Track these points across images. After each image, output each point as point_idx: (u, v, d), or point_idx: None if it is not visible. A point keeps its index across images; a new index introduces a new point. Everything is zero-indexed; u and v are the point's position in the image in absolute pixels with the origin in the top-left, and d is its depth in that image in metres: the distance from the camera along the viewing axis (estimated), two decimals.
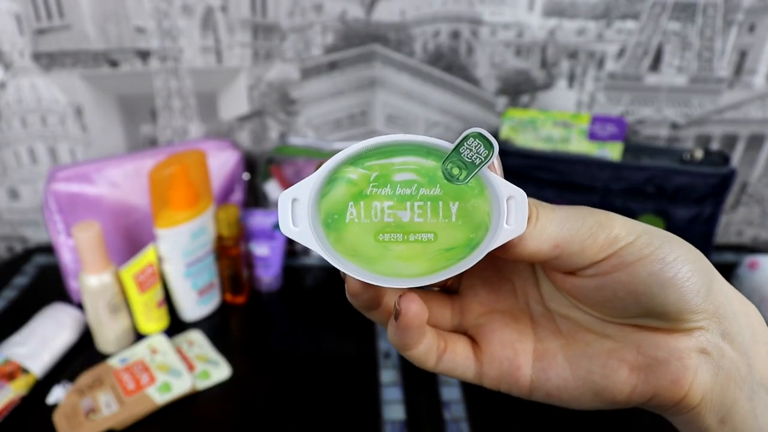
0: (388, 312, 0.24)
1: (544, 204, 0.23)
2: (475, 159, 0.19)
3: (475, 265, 0.23)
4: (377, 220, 0.20)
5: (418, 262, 0.20)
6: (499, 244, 0.20)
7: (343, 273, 0.21)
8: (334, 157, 0.20)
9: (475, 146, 0.19)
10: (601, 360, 0.23)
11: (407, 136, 0.20)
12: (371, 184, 0.20)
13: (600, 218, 0.21)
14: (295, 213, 0.20)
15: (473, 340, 0.26)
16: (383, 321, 0.25)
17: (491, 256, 0.26)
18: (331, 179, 0.20)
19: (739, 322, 0.22)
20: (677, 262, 0.21)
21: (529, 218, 0.21)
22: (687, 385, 0.22)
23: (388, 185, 0.20)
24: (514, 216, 0.20)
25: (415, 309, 0.22)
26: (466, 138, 0.19)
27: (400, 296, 0.22)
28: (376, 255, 0.20)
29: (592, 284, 0.22)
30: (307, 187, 0.20)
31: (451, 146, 0.19)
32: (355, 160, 0.20)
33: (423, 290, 0.26)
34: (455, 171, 0.20)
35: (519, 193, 0.20)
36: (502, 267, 0.27)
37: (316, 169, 0.20)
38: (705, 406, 0.22)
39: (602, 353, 0.23)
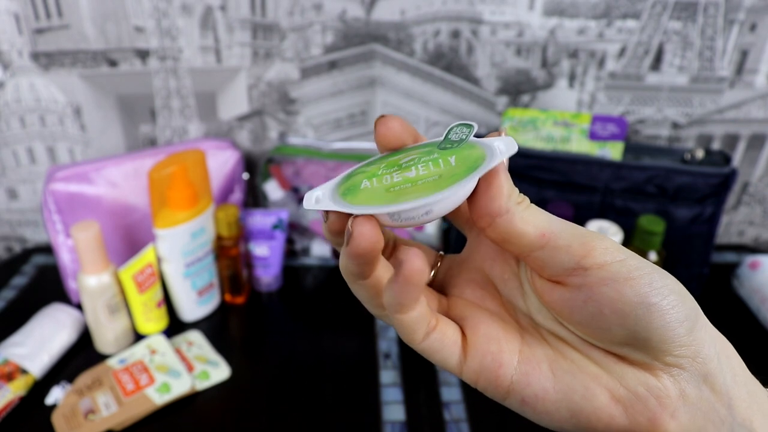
0: (376, 283, 0.24)
1: None
2: (462, 136, 0.23)
3: (463, 265, 0.27)
4: (387, 183, 0.23)
5: (429, 191, 0.22)
6: (498, 162, 0.22)
7: (346, 231, 0.22)
8: (349, 168, 0.25)
9: (459, 131, 0.23)
10: (585, 381, 0.23)
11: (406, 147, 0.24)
12: (382, 168, 0.24)
13: (591, 231, 0.22)
14: (317, 197, 0.24)
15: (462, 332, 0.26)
16: (370, 297, 0.24)
17: (479, 258, 0.27)
18: (348, 176, 0.24)
19: (720, 364, 0.22)
20: (664, 290, 0.21)
21: (520, 202, 0.23)
22: (663, 426, 0.22)
23: (396, 166, 0.24)
24: (504, 145, 0.22)
25: (419, 260, 0.21)
26: (450, 130, 0.23)
27: (403, 248, 0.22)
28: (389, 199, 0.22)
29: (579, 297, 0.22)
30: (328, 184, 0.24)
31: (441, 139, 0.24)
32: (368, 164, 0.25)
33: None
34: (448, 146, 0.23)
35: (506, 137, 0.23)
36: (489, 272, 0.26)
37: None
38: None
39: (587, 374, 0.23)
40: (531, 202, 0.23)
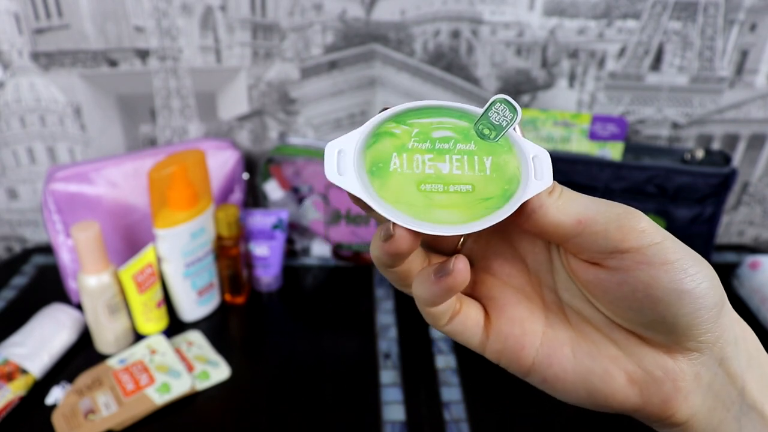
0: (405, 270, 0.24)
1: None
2: (502, 122, 0.22)
3: (493, 236, 0.25)
4: (419, 171, 0.22)
5: (458, 211, 0.22)
6: (531, 196, 0.21)
7: (385, 227, 0.22)
8: (378, 115, 0.22)
9: (502, 110, 0.22)
10: (604, 363, 0.23)
11: (443, 102, 0.22)
12: (413, 139, 0.22)
13: (627, 209, 0.22)
14: (340, 162, 0.22)
15: (485, 310, 0.26)
16: (398, 279, 0.24)
17: (509, 230, 0.26)
18: (375, 134, 0.22)
19: (737, 347, 0.23)
20: (698, 276, 0.21)
21: (552, 191, 0.22)
22: (676, 406, 0.22)
23: (428, 141, 0.22)
24: (540, 171, 0.22)
25: (466, 272, 0.22)
26: (493, 103, 0.21)
27: (455, 257, 0.22)
28: (418, 203, 0.22)
29: (614, 279, 0.22)
30: (352, 139, 0.22)
31: (481, 110, 0.22)
32: (397, 117, 0.22)
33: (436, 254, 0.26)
34: (486, 131, 0.22)
35: (542, 151, 0.22)
36: (518, 245, 0.26)
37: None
38: (691, 426, 0.23)
39: (606, 357, 0.24)
40: None
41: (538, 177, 0.21)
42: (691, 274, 0.21)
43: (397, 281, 0.25)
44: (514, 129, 0.22)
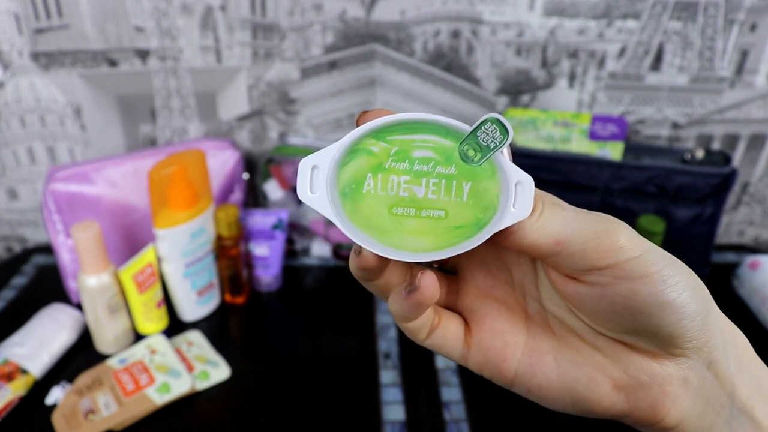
0: (385, 284, 0.24)
1: (555, 201, 0.22)
2: (490, 143, 0.20)
3: (478, 246, 0.24)
4: (393, 194, 0.21)
5: (427, 238, 0.21)
6: (505, 227, 0.20)
7: (356, 245, 0.22)
8: (357, 129, 0.21)
9: (492, 131, 0.20)
10: (588, 371, 0.23)
11: (429, 115, 0.21)
12: (391, 158, 0.21)
13: (608, 226, 0.21)
14: (313, 180, 0.21)
15: (466, 322, 0.26)
16: (380, 292, 0.25)
17: (493, 242, 0.26)
18: (352, 150, 0.21)
19: (726, 351, 0.22)
20: (678, 287, 0.21)
21: (533, 210, 0.21)
22: (664, 411, 0.22)
23: (407, 160, 0.21)
24: (521, 200, 0.21)
25: (433, 288, 0.22)
26: (484, 122, 0.20)
27: (421, 273, 0.22)
28: (388, 228, 0.21)
29: (593, 293, 0.22)
30: (328, 154, 0.21)
31: (469, 129, 0.20)
32: (377, 133, 0.21)
33: (424, 267, 0.26)
34: (471, 153, 0.21)
35: (527, 178, 0.21)
36: (503, 256, 0.26)
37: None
38: (682, 431, 0.23)
39: (591, 365, 0.24)
40: None
41: (517, 206, 0.21)
42: (671, 285, 0.21)
43: (379, 294, 0.25)
44: (501, 152, 0.21)
